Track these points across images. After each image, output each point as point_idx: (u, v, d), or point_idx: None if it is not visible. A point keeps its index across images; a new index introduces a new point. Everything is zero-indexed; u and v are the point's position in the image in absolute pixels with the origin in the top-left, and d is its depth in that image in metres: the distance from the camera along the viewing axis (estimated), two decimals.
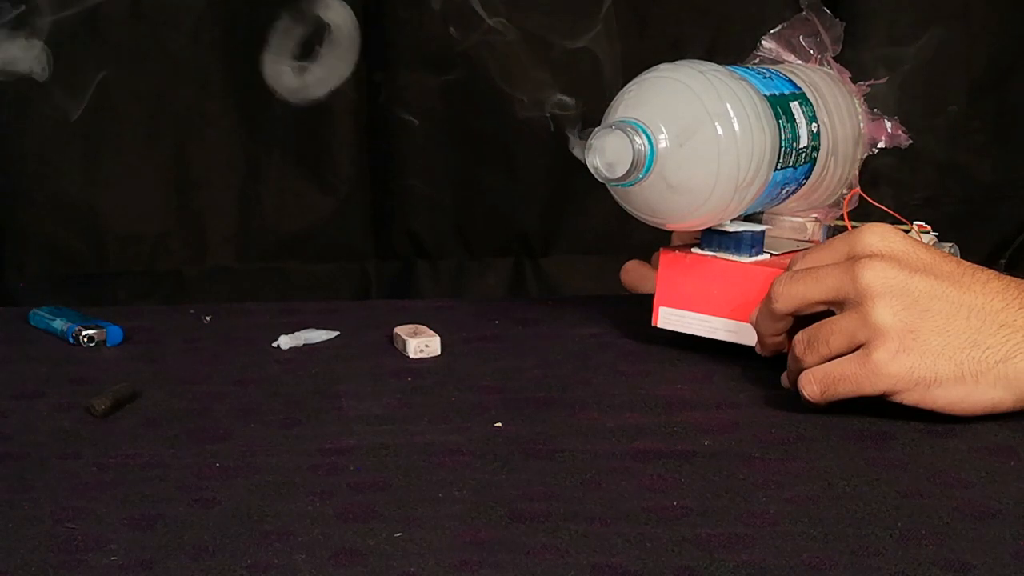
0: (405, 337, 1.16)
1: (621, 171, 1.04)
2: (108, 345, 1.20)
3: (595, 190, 1.08)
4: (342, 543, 0.83)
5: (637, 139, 1.04)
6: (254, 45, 1.57)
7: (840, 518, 0.85)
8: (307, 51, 1.16)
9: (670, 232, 1.14)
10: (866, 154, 1.19)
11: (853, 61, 1.21)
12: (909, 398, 0.96)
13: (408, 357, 1.15)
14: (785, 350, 1.05)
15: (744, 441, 0.97)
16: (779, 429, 0.99)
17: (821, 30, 1.18)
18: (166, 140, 1.60)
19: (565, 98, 1.15)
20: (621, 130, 1.04)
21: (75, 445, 0.98)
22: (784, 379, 1.04)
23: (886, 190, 1.18)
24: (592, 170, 1.05)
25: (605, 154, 1.04)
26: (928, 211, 1.41)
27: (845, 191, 1.18)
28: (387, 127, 1.60)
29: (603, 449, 0.96)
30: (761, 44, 1.19)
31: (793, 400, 1.01)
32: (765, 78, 1.11)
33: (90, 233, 1.60)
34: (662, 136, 1.04)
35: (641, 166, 1.04)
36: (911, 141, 1.19)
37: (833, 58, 1.19)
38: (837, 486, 0.90)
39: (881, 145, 1.18)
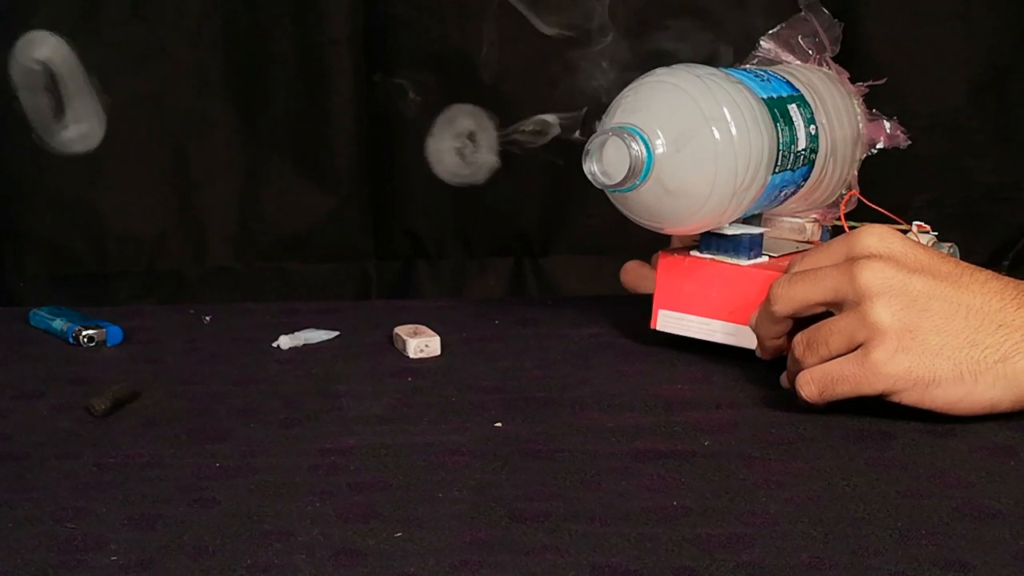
0: (405, 337, 1.16)
1: (618, 177, 1.04)
2: (108, 345, 1.20)
3: (595, 190, 1.08)
4: (342, 543, 0.83)
5: (634, 145, 1.03)
6: (254, 45, 1.58)
7: (840, 518, 0.85)
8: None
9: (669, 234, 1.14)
10: (865, 155, 1.19)
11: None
12: (908, 398, 0.96)
13: (408, 357, 1.15)
14: (785, 352, 1.05)
15: (744, 441, 0.97)
16: (779, 429, 0.99)
17: (820, 30, 1.18)
18: (166, 140, 1.60)
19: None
20: (618, 136, 1.04)
21: (75, 445, 0.98)
22: (784, 380, 1.04)
23: (886, 192, 1.18)
24: (589, 176, 1.05)
25: (602, 160, 1.04)
26: (930, 213, 1.41)
27: (844, 192, 1.18)
28: (387, 127, 1.60)
29: (603, 449, 0.96)
30: (760, 44, 1.19)
31: (793, 400, 1.01)
32: (763, 81, 1.11)
33: (90, 233, 1.60)
34: (659, 141, 1.04)
35: (638, 172, 1.04)
36: (910, 141, 1.19)
37: (832, 58, 1.19)
38: (837, 486, 0.90)
39: (880, 145, 1.18)
